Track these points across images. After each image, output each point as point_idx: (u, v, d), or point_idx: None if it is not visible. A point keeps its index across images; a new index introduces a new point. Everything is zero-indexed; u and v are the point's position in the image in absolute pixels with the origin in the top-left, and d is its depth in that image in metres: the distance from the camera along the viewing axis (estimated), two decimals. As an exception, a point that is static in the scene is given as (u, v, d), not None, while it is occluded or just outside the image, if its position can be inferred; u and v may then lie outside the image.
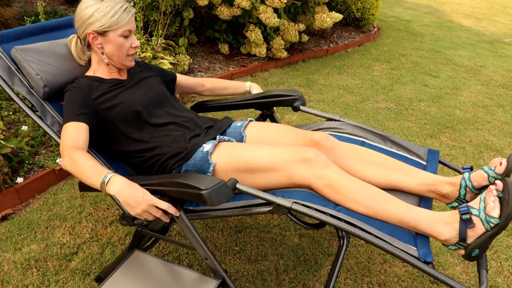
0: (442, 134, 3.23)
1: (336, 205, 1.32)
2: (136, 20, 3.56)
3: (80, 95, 1.51)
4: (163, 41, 3.52)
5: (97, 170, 1.25)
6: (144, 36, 3.47)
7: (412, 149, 1.65)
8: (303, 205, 1.24)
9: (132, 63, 1.62)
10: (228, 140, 1.57)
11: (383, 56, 5.06)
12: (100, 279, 1.69)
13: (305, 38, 4.65)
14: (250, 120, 1.72)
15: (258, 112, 3.30)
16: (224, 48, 4.23)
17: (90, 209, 2.15)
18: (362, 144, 1.68)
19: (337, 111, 3.44)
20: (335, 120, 1.77)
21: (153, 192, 1.28)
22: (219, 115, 3.15)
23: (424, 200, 1.44)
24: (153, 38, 3.47)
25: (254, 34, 4.02)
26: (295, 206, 1.21)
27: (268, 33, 4.22)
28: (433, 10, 8.98)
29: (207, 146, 1.49)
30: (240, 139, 1.65)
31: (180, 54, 3.65)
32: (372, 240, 1.14)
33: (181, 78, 1.97)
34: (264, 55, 4.16)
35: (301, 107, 1.81)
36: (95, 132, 1.53)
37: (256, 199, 1.32)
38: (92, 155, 1.51)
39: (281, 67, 4.40)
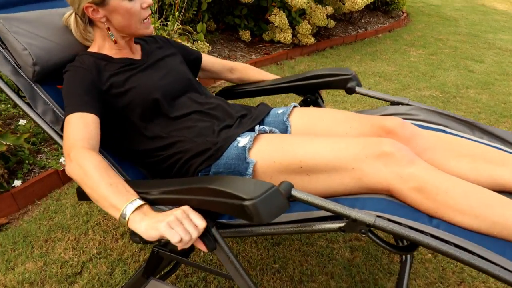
0: (500, 124, 2.80)
1: (431, 218, 0.94)
2: None
3: (86, 77, 1.17)
4: (180, 26, 3.16)
5: (117, 194, 0.93)
6: (159, 21, 3.12)
7: (508, 138, 1.25)
8: (390, 220, 0.86)
9: (151, 30, 1.27)
10: (270, 131, 1.20)
11: (418, 41, 4.62)
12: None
13: (332, 23, 4.25)
14: (295, 106, 1.35)
15: (299, 98, 2.92)
16: (246, 35, 3.86)
17: (98, 218, 1.80)
18: (442, 133, 1.28)
19: (374, 101, 3.04)
20: (402, 103, 1.38)
21: (172, 203, 0.93)
22: (250, 102, 2.78)
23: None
24: (168, 23, 3.12)
25: (278, 18, 3.64)
26: (380, 222, 0.83)
27: (293, 18, 3.83)
28: (462, -5, 8.45)
29: (243, 140, 1.12)
30: (284, 129, 1.28)
31: (199, 41, 3.29)
32: (506, 278, 0.76)
33: (207, 59, 1.60)
34: (290, 41, 3.77)
35: (357, 89, 1.43)
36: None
37: (318, 211, 0.95)
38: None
39: (308, 55, 4.00)
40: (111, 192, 0.93)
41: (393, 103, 1.40)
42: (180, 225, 0.85)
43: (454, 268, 1.62)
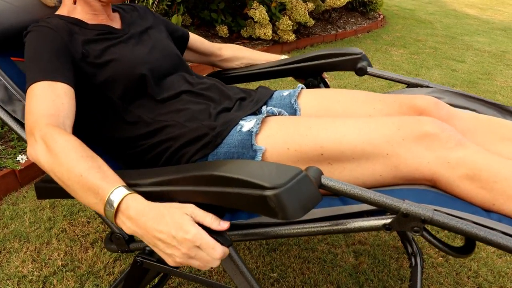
0: (493, 121, 2.71)
1: (488, 212, 0.76)
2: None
3: (56, 39, 0.93)
4: (154, 16, 2.93)
5: (98, 180, 0.69)
6: (131, 10, 2.87)
7: (547, 125, 1.10)
8: (448, 214, 0.68)
9: None
10: (280, 114, 1.00)
11: (398, 42, 4.55)
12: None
13: (311, 22, 4.10)
14: (302, 87, 1.15)
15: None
16: (223, 30, 3.65)
17: (64, 224, 1.54)
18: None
19: (376, 88, 2.89)
20: (422, 86, 1.21)
21: (167, 198, 0.71)
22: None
23: None
24: (141, 12, 2.88)
25: (258, 12, 3.45)
26: (439, 217, 0.64)
27: (273, 13, 3.66)
28: (433, 0, 8.55)
29: (247, 124, 0.92)
30: (292, 114, 1.08)
31: (174, 34, 3.06)
32: None
33: (195, 38, 1.38)
34: (270, 37, 3.60)
35: (369, 69, 1.25)
36: None
37: (349, 205, 0.75)
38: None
39: (288, 52, 3.84)
40: (93, 169, 0.70)
41: (411, 85, 1.23)
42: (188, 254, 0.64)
43: (468, 273, 1.46)
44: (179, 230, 0.62)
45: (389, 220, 0.68)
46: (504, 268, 1.48)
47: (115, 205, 0.66)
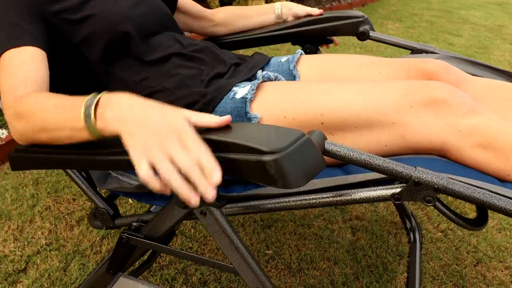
0: (491, 95, 2.65)
1: (503, 182, 0.70)
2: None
3: None
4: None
5: (71, 101, 0.63)
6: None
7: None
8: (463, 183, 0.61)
9: None
10: (276, 79, 0.92)
11: (394, 15, 4.44)
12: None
13: (305, -6, 3.99)
14: (301, 53, 1.07)
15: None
16: (214, 2, 3.53)
17: (48, 201, 1.47)
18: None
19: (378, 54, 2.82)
20: (427, 51, 1.14)
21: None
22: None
23: None
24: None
25: (250, -17, 3.33)
26: (454, 186, 0.58)
27: (266, -15, 3.54)
28: (428, -25, 8.41)
29: (241, 91, 0.84)
30: (291, 80, 1.00)
31: (163, 5, 2.94)
32: None
33: None
34: (263, 10, 3.48)
35: (371, 33, 1.17)
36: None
37: (354, 175, 0.69)
38: None
39: (281, 26, 3.73)
40: (68, 99, 0.64)
41: (415, 51, 1.16)
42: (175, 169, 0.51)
43: (468, 248, 1.42)
44: (181, 133, 0.53)
45: (398, 190, 0.61)
46: (504, 243, 1.45)
47: (94, 101, 0.58)
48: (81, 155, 0.68)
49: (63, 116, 0.62)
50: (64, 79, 0.92)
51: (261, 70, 0.92)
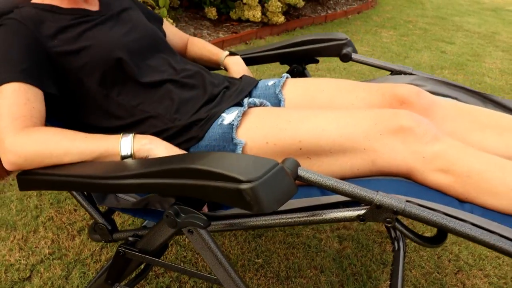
0: (479, 104, 2.73)
1: (461, 202, 0.78)
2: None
3: (24, 34, 0.91)
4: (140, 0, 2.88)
5: (101, 139, 0.84)
6: (116, -7, 2.82)
7: (526, 112, 1.11)
8: (420, 206, 0.69)
9: None
10: (261, 105, 1.00)
11: (388, 23, 4.53)
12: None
13: (301, 3, 4.06)
14: (287, 77, 1.15)
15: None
16: (212, 12, 3.61)
17: (51, 212, 1.55)
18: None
19: (361, 74, 2.89)
20: (405, 73, 1.22)
21: (142, 191, 0.72)
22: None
23: None
24: (127, -5, 2.83)
25: (247, -6, 3.41)
26: (411, 209, 0.66)
27: (262, -5, 3.62)
28: (425, -19, 8.48)
29: (228, 117, 0.92)
30: (276, 104, 1.08)
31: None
32: None
33: (168, 27, 1.34)
34: (259, 19, 3.56)
35: (354, 55, 1.25)
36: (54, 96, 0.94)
37: (326, 196, 0.77)
38: None
39: (278, 34, 3.81)
40: (93, 141, 0.82)
41: (395, 72, 1.23)
42: None
43: (449, 256, 1.50)
44: None
45: (363, 211, 0.69)
46: (485, 252, 1.52)
47: (132, 151, 0.81)
48: (85, 179, 0.76)
49: (95, 144, 0.81)
50: (69, 101, 0.99)
51: (247, 98, 1.00)
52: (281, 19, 3.70)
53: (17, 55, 0.88)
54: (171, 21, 3.06)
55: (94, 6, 1.08)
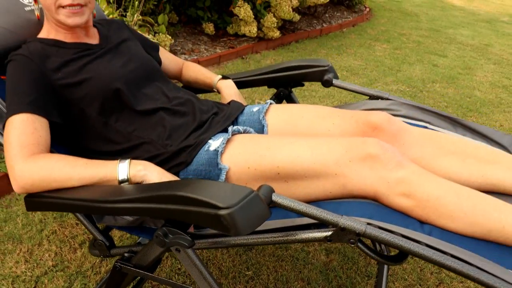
0: (467, 118, 2.82)
1: (422, 224, 0.87)
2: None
3: (32, 69, 1.01)
4: (140, 17, 2.99)
5: (100, 166, 0.93)
6: (118, 11, 2.94)
7: (493, 137, 1.20)
8: (380, 228, 0.78)
9: (73, 21, 1.06)
10: (245, 132, 1.09)
11: (382, 36, 4.64)
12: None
13: (297, 17, 4.18)
14: (271, 103, 1.24)
15: (266, 93, 2.82)
16: (209, 28, 3.72)
17: (54, 226, 1.64)
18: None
19: (344, 95, 2.99)
20: (382, 98, 1.31)
21: (134, 213, 0.81)
22: (216, 97, 2.65)
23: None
24: (127, 13, 2.95)
25: (243, 10, 3.53)
26: (371, 231, 0.75)
27: (258, 10, 3.73)
28: (421, -9, 8.63)
29: (214, 143, 1.01)
30: (260, 129, 1.18)
31: (160, 33, 3.13)
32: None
33: (163, 53, 1.44)
34: (255, 35, 3.67)
35: (334, 81, 1.35)
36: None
37: (300, 218, 0.86)
38: None
39: (273, 49, 3.92)
40: (93, 167, 0.91)
41: (372, 97, 1.33)
42: None
43: (432, 269, 1.58)
44: None
45: (330, 233, 0.78)
46: (464, 262, 1.60)
47: (128, 176, 0.90)
48: (85, 202, 0.86)
49: (95, 170, 0.90)
50: (72, 126, 1.09)
51: (231, 126, 1.09)
52: (277, 34, 3.81)
53: (25, 88, 0.98)
54: (170, 37, 3.17)
55: (95, 40, 1.18)
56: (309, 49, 3.98)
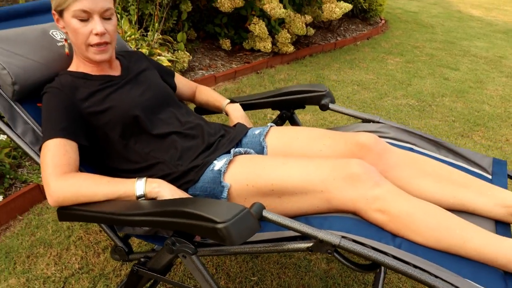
0: (474, 133, 2.90)
1: (394, 236, 1.00)
2: (128, 12, 3.24)
3: (63, 99, 1.19)
4: (160, 36, 3.20)
5: (121, 183, 1.08)
6: (139, 31, 3.14)
7: (474, 159, 1.33)
8: (354, 241, 0.92)
9: (101, 57, 1.24)
10: (245, 153, 1.24)
11: (395, 49, 4.73)
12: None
13: (311, 31, 4.33)
14: (271, 126, 1.40)
15: (270, 113, 2.98)
16: (226, 44, 3.91)
17: (80, 232, 1.83)
18: (410, 151, 1.35)
19: (353, 109, 3.11)
20: (373, 121, 1.45)
21: (148, 225, 0.97)
22: (223, 117, 2.83)
23: (501, 226, 1.12)
24: (148, 33, 3.15)
25: (258, 27, 3.69)
26: (344, 243, 0.89)
27: (273, 26, 3.89)
28: (439, 1, 8.64)
29: (218, 164, 1.17)
30: (260, 150, 1.33)
31: (179, 51, 3.32)
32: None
33: (178, 78, 1.62)
34: (270, 50, 3.84)
35: (331, 105, 1.49)
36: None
37: (289, 231, 1.00)
38: None
39: (288, 63, 4.07)
40: (114, 185, 1.07)
41: (364, 120, 1.46)
42: None
43: (425, 276, 1.69)
44: None
45: (311, 244, 0.92)
46: (458, 272, 1.71)
47: (144, 192, 1.06)
48: (107, 215, 1.02)
49: (116, 187, 1.07)
50: (98, 148, 1.26)
51: (234, 148, 1.24)
52: (291, 48, 3.96)
53: (58, 116, 1.15)
54: (188, 54, 3.36)
55: (117, 71, 1.35)
56: (322, 63, 4.12)
